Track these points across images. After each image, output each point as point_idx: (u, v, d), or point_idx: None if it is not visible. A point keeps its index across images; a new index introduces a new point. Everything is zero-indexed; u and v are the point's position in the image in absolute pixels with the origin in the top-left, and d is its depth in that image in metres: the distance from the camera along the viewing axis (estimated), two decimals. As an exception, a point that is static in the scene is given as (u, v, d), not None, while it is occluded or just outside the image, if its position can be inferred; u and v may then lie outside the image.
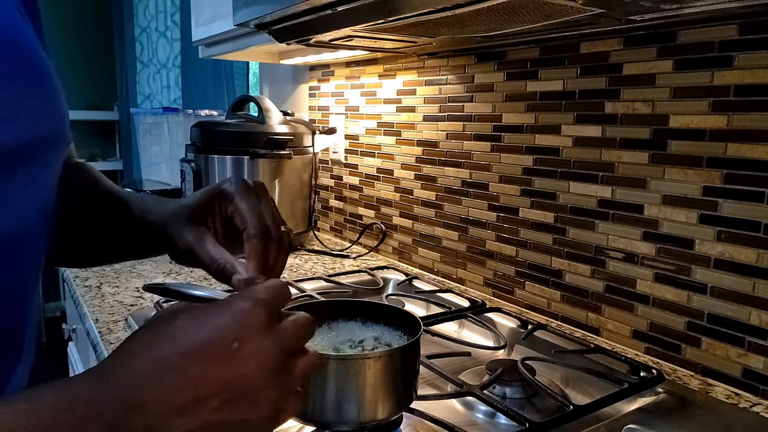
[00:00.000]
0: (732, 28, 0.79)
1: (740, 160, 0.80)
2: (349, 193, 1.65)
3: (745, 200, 0.80)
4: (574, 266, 1.04)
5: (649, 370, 0.83)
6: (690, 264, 0.87)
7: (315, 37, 1.01)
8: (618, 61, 0.93)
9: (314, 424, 0.62)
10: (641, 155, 0.91)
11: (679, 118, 0.86)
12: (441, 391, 0.82)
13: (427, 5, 0.73)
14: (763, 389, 0.80)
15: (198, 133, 1.51)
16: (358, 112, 1.57)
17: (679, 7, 0.70)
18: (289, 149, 1.49)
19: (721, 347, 0.84)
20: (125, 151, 3.86)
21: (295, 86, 1.89)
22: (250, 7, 0.95)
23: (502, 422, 0.74)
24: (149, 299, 1.11)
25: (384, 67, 1.45)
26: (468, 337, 1.01)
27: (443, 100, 1.29)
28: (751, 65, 0.78)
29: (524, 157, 1.11)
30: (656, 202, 0.90)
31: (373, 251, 1.53)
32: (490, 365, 0.84)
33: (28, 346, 0.51)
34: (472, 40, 1.04)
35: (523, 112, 1.10)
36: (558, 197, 1.05)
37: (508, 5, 0.70)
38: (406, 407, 0.66)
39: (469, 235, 1.26)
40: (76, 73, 3.89)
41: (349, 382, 0.59)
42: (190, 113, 2.73)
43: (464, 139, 1.24)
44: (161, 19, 3.30)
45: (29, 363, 0.52)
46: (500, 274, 1.19)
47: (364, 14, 0.82)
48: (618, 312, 0.97)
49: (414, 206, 1.40)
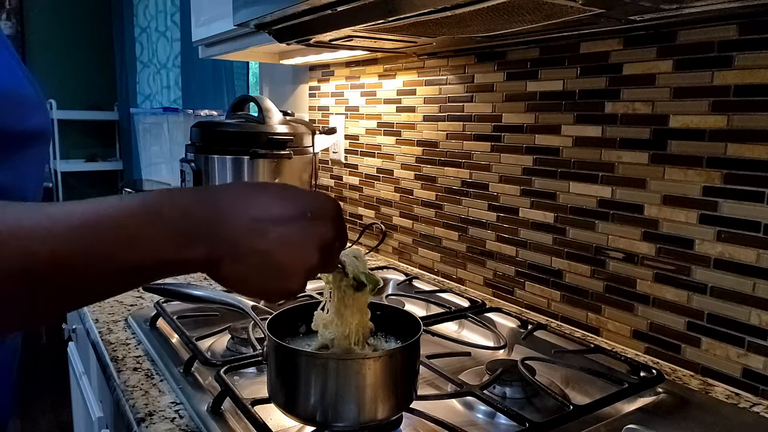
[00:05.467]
0: (732, 28, 0.79)
1: (740, 160, 0.80)
2: (349, 193, 1.65)
3: (745, 200, 0.80)
4: (574, 266, 1.04)
5: (649, 370, 0.83)
6: (690, 264, 0.87)
7: (315, 37, 1.01)
8: (618, 61, 0.93)
9: (314, 424, 0.62)
10: (641, 155, 0.91)
11: (679, 118, 0.86)
12: (441, 391, 0.82)
13: (427, 5, 0.73)
14: (763, 389, 0.80)
15: (198, 133, 1.51)
16: (358, 112, 1.57)
17: (679, 7, 0.70)
18: (289, 149, 1.49)
19: (721, 347, 0.84)
20: (125, 151, 3.86)
21: (295, 86, 1.89)
22: (250, 7, 0.95)
23: (502, 422, 0.74)
24: (149, 299, 1.11)
25: (384, 67, 1.45)
26: (468, 337, 1.01)
27: (443, 100, 1.29)
28: (751, 65, 0.78)
29: (524, 157, 1.11)
30: (656, 202, 0.90)
31: (373, 251, 1.53)
32: (490, 365, 0.84)
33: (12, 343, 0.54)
34: (472, 40, 1.04)
35: (523, 112, 1.10)
36: (558, 197, 1.05)
37: (508, 5, 0.70)
38: (406, 407, 0.66)
39: (469, 235, 1.26)
40: (76, 73, 3.89)
41: (349, 382, 0.59)
42: (190, 113, 2.73)
43: (464, 139, 1.24)
44: (161, 19, 3.30)
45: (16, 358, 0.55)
46: (500, 274, 1.19)
47: (364, 14, 0.82)
48: (618, 312, 0.97)
49: (414, 206, 1.40)
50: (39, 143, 0.55)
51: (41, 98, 0.56)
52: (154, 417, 0.72)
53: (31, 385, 2.74)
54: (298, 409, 0.61)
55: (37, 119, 0.54)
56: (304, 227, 0.46)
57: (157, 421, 0.71)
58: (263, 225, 0.45)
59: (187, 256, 0.42)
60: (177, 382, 0.79)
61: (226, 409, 0.72)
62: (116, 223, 0.39)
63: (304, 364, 0.60)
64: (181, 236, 0.42)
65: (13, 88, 0.51)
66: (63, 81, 3.80)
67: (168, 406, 0.75)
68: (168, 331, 0.96)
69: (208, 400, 0.73)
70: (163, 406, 0.74)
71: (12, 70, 0.52)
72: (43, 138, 0.56)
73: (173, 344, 0.92)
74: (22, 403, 2.59)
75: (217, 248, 0.43)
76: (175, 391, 0.78)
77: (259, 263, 0.45)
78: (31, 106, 0.53)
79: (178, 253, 0.42)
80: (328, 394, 0.59)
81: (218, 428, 0.68)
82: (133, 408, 0.74)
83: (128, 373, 0.83)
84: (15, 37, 3.68)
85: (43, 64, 3.73)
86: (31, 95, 0.54)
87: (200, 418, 0.70)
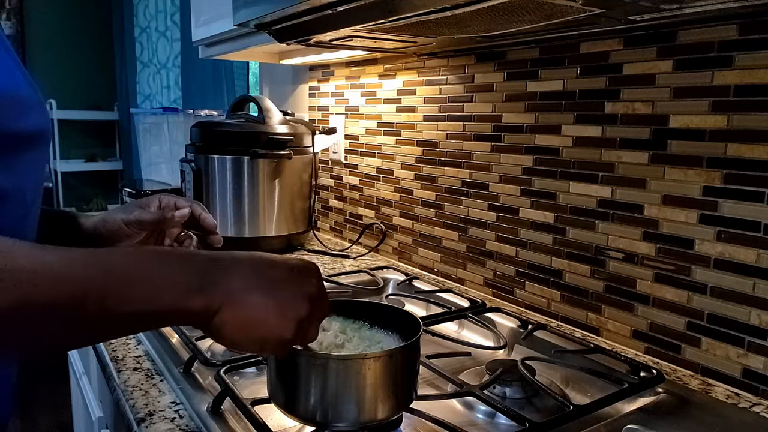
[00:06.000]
0: (732, 28, 0.79)
1: (740, 160, 0.80)
2: (349, 193, 1.65)
3: (745, 200, 0.80)
4: (574, 266, 1.04)
5: (649, 370, 0.83)
6: (690, 264, 0.87)
7: (315, 37, 1.01)
8: (618, 61, 0.93)
9: (314, 424, 0.62)
10: (641, 155, 0.91)
11: (679, 118, 0.86)
12: (441, 391, 0.82)
13: (427, 5, 0.73)
14: (763, 389, 0.80)
15: (198, 133, 1.51)
16: (358, 112, 1.57)
17: (679, 7, 0.70)
18: (289, 149, 1.49)
19: (721, 347, 0.84)
20: (125, 151, 3.86)
21: (295, 86, 1.89)
22: (250, 7, 0.95)
23: (502, 422, 0.74)
24: (149, 299, 1.11)
25: (384, 67, 1.45)
26: (468, 337, 1.01)
27: (443, 100, 1.29)
28: (751, 65, 0.78)
29: (524, 157, 1.11)
30: (656, 202, 0.90)
31: (373, 251, 1.53)
32: (490, 365, 0.84)
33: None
34: (472, 40, 1.04)
35: (523, 112, 1.10)
36: (558, 197, 1.05)
37: (508, 5, 0.70)
38: (406, 407, 0.66)
39: (469, 235, 1.26)
40: (76, 73, 3.89)
41: (349, 382, 0.59)
42: (190, 113, 2.73)
43: (464, 139, 1.24)
44: (161, 19, 3.30)
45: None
46: (500, 274, 1.19)
47: (364, 14, 0.82)
48: (618, 312, 0.97)
49: (414, 206, 1.40)
50: (37, 144, 0.55)
51: (40, 99, 0.56)
52: (154, 417, 0.72)
53: (31, 385, 2.73)
54: (298, 409, 0.61)
55: (34, 120, 0.53)
56: (295, 282, 0.51)
57: (157, 421, 0.71)
58: (259, 280, 0.49)
59: (187, 305, 0.45)
60: (177, 382, 0.79)
61: (226, 409, 0.72)
62: (128, 270, 0.43)
63: (304, 364, 0.60)
64: (181, 286, 0.45)
65: (9, 88, 0.50)
66: (63, 81, 3.80)
67: (168, 406, 0.75)
68: (168, 331, 0.96)
69: (208, 400, 0.73)
70: (163, 406, 0.74)
71: (9, 70, 0.52)
72: (41, 139, 0.56)
73: (173, 344, 0.92)
74: (22, 403, 2.59)
75: (215, 300, 0.46)
76: (175, 391, 0.78)
77: (255, 314, 0.48)
78: (28, 107, 0.53)
79: (179, 302, 0.45)
80: (328, 394, 0.59)
81: (218, 428, 0.68)
82: (133, 408, 0.74)
83: (128, 373, 0.83)
84: (15, 37, 3.68)
85: (43, 64, 3.73)
86: (29, 96, 0.53)
87: (200, 418, 0.70)
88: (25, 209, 0.55)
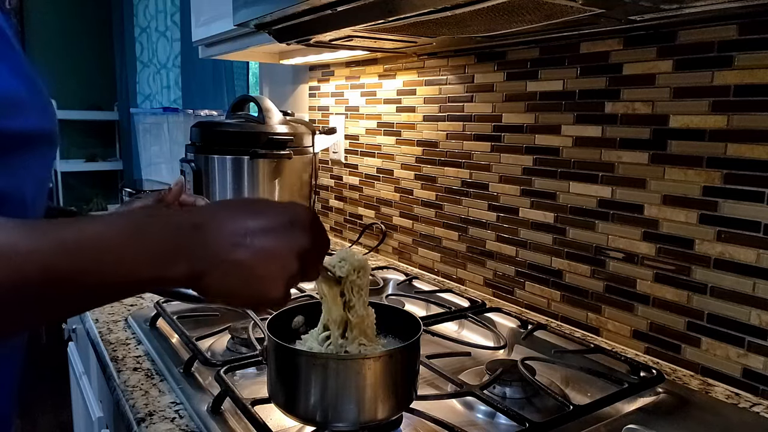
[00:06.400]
0: (732, 28, 0.79)
1: (740, 160, 0.80)
2: (349, 193, 1.65)
3: (745, 200, 0.80)
4: (574, 266, 1.04)
5: (649, 370, 0.83)
6: (690, 264, 0.87)
7: (315, 37, 1.01)
8: (618, 61, 0.93)
9: (314, 424, 0.62)
10: (641, 155, 0.91)
11: (679, 118, 0.86)
12: (441, 391, 0.82)
13: (427, 5, 0.73)
14: (763, 389, 0.80)
15: (198, 133, 1.51)
16: (358, 112, 1.57)
17: (679, 7, 0.70)
18: (289, 149, 1.49)
19: (721, 347, 0.84)
20: (125, 151, 3.86)
21: (295, 86, 1.89)
22: (250, 7, 0.95)
23: (502, 422, 0.74)
24: (149, 299, 1.11)
25: (384, 67, 1.45)
26: (468, 337, 1.01)
27: (443, 100, 1.29)
28: (751, 65, 0.78)
29: (524, 157, 1.11)
30: (656, 202, 0.90)
31: (373, 251, 1.53)
32: (490, 365, 0.84)
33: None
34: (472, 40, 1.04)
35: (523, 112, 1.10)
36: (558, 197, 1.05)
37: (508, 5, 0.70)
38: (406, 407, 0.66)
39: (469, 235, 1.26)
40: (76, 73, 3.89)
41: (349, 382, 0.59)
42: (190, 113, 2.73)
43: (464, 139, 1.24)
44: (161, 19, 3.30)
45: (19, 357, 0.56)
46: (500, 274, 1.19)
47: (364, 14, 0.82)
48: (618, 312, 0.97)
49: (414, 206, 1.40)
50: (38, 145, 0.55)
51: (44, 100, 0.55)
52: (154, 417, 0.72)
53: (31, 385, 2.74)
54: (298, 409, 0.61)
55: (33, 121, 0.53)
56: (281, 237, 0.48)
57: (157, 421, 0.71)
58: (240, 238, 0.46)
59: (169, 274, 0.44)
60: (177, 382, 0.79)
61: (226, 409, 0.72)
62: (101, 244, 0.42)
63: (304, 364, 0.60)
64: (160, 256, 0.44)
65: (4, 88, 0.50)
66: (63, 81, 3.80)
67: (168, 406, 0.75)
68: (168, 331, 0.96)
69: (208, 400, 0.73)
70: (163, 406, 0.74)
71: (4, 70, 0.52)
72: (42, 140, 0.56)
73: (173, 344, 0.92)
74: (22, 403, 2.59)
75: (197, 265, 0.45)
76: (175, 391, 0.78)
77: (240, 275, 0.47)
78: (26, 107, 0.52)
79: (160, 271, 0.44)
80: (328, 394, 0.59)
81: (218, 428, 0.68)
82: (133, 408, 0.74)
83: (128, 373, 0.83)
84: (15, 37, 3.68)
85: (43, 64, 3.72)
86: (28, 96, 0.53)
87: (200, 418, 0.70)
88: (25, 210, 0.54)
